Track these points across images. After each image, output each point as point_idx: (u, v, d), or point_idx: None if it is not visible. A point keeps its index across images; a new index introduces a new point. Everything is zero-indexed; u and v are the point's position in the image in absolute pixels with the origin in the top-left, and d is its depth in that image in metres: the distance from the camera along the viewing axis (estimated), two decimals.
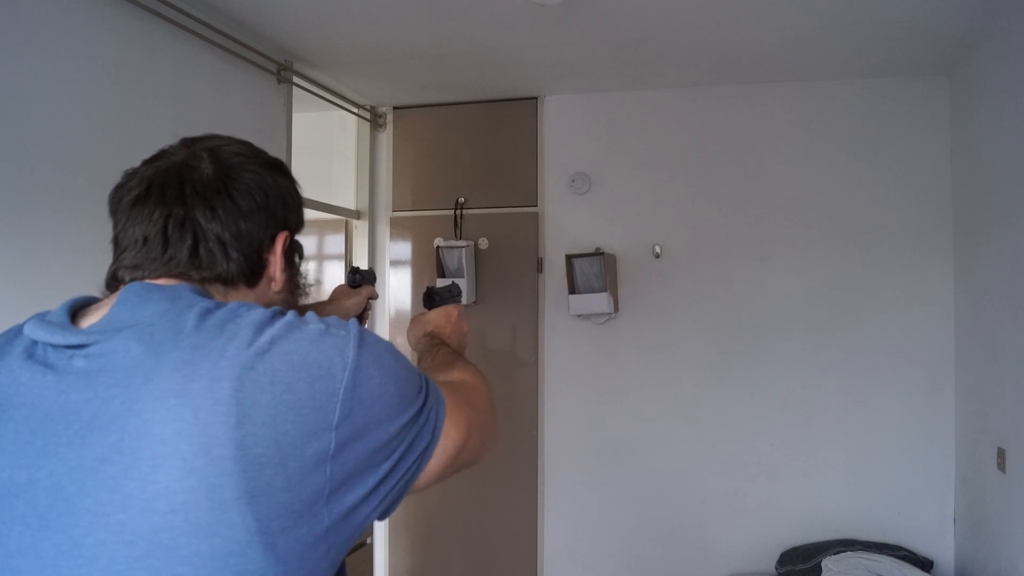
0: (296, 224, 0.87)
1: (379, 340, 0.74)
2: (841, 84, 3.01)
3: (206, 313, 0.69)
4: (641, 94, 3.21)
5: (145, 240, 0.76)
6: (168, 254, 0.76)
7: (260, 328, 0.68)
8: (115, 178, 0.81)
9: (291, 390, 0.64)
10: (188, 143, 0.82)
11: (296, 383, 0.65)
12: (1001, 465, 2.35)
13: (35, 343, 0.71)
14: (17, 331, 0.74)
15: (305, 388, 0.65)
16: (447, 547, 3.33)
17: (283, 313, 0.71)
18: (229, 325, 0.67)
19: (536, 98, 3.31)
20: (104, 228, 0.82)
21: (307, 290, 0.91)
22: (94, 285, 0.81)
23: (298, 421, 0.64)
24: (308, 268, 0.93)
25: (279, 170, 0.86)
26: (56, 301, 0.76)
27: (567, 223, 3.26)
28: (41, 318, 0.72)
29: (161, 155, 0.81)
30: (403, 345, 1.37)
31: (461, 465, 0.81)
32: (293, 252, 0.87)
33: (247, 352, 0.65)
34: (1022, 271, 2.23)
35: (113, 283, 0.78)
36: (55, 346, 0.69)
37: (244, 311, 0.70)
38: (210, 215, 0.76)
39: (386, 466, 0.70)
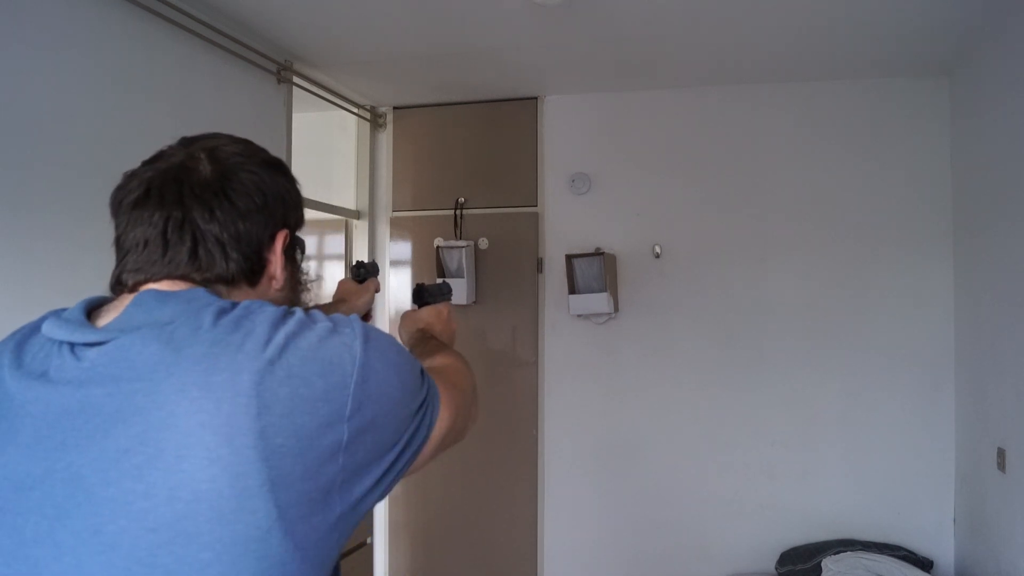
0: (296, 222, 0.88)
1: (383, 336, 0.77)
2: (841, 84, 3.01)
3: (222, 312, 0.71)
4: (641, 94, 3.20)
5: (146, 243, 0.77)
6: (168, 256, 0.77)
7: (275, 325, 0.70)
8: (115, 178, 0.81)
9: (307, 384, 0.68)
10: (186, 143, 0.82)
11: (311, 377, 0.68)
12: (1001, 465, 2.35)
13: (54, 341, 0.72)
14: (34, 329, 0.76)
15: (319, 383, 0.68)
16: (447, 547, 3.33)
17: (293, 312, 0.73)
18: (245, 322, 0.70)
19: (536, 98, 3.31)
20: (104, 228, 0.82)
21: (309, 286, 0.93)
22: (94, 285, 0.82)
23: (314, 413, 0.67)
24: (309, 265, 0.94)
25: (278, 169, 0.86)
26: (56, 301, 0.77)
27: (567, 223, 3.26)
28: (58, 316, 0.74)
29: (160, 156, 0.81)
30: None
31: (447, 445, 0.86)
32: (294, 250, 0.88)
33: (265, 348, 0.68)
34: (1022, 271, 2.23)
35: (118, 287, 0.79)
36: (73, 344, 0.71)
37: (257, 308, 0.72)
38: (208, 216, 0.77)
39: (390, 456, 0.74)
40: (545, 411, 3.27)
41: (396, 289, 3.46)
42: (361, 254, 3.47)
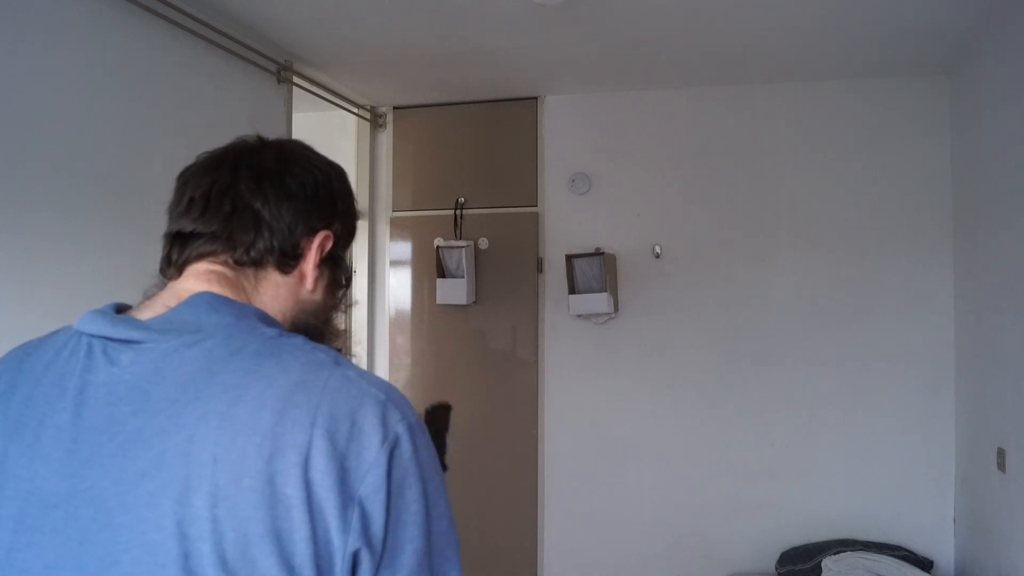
0: (342, 232, 0.84)
1: (434, 457, 0.70)
2: (841, 84, 3.01)
3: (268, 340, 0.68)
4: (641, 94, 3.20)
5: (191, 202, 0.77)
6: (206, 217, 0.76)
7: (317, 368, 0.66)
8: (114, 177, 0.81)
9: (328, 438, 0.62)
10: (263, 139, 0.84)
11: (336, 434, 0.62)
12: (1001, 465, 2.35)
13: (83, 338, 0.69)
14: (66, 332, 0.73)
15: (342, 442, 0.62)
16: None
17: (346, 363, 0.69)
18: (287, 356, 0.66)
19: (536, 98, 3.31)
20: (104, 228, 0.82)
21: (343, 307, 0.89)
22: (94, 285, 0.81)
23: (328, 472, 0.61)
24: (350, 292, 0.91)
25: (339, 175, 0.86)
26: (56, 301, 0.77)
27: (567, 223, 3.26)
28: (95, 311, 0.71)
29: (237, 140, 0.83)
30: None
31: None
32: (336, 263, 0.85)
33: (297, 387, 0.63)
34: (1022, 271, 2.23)
35: (166, 266, 0.78)
36: (107, 341, 0.68)
37: (308, 347, 0.69)
38: (254, 187, 0.77)
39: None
40: (545, 411, 3.26)
41: (396, 289, 3.46)
42: (361, 254, 3.47)
